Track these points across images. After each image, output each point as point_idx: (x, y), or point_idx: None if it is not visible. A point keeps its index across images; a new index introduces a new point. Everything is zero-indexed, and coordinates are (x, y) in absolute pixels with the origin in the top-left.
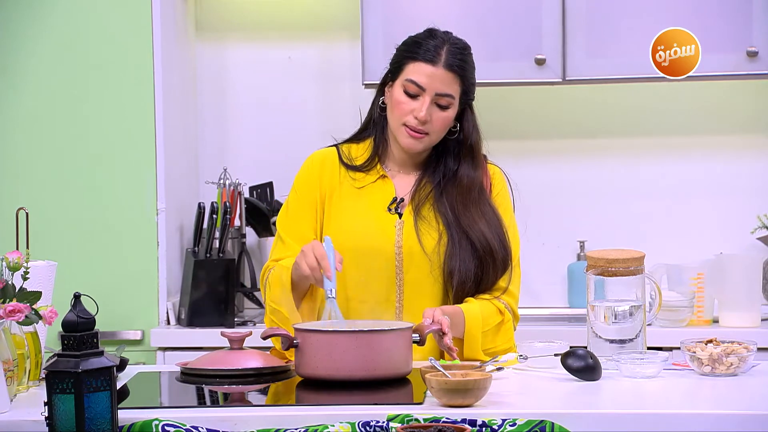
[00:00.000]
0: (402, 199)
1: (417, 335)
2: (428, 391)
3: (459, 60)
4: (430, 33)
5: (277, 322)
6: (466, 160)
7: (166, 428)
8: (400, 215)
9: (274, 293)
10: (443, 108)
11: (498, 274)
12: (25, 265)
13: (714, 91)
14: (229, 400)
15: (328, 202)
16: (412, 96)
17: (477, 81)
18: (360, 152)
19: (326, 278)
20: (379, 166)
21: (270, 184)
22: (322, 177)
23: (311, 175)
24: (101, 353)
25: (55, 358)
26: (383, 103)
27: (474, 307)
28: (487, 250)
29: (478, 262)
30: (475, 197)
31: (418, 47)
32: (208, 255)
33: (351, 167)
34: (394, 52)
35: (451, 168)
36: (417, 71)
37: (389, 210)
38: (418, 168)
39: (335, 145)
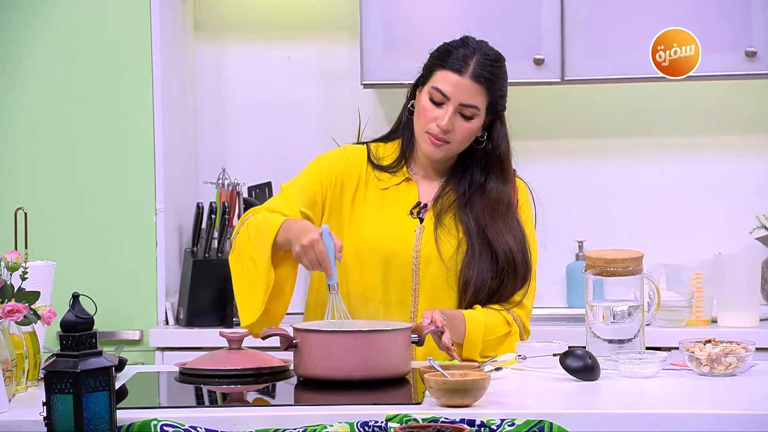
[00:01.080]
0: (425, 205)
1: (416, 335)
2: (427, 391)
3: (488, 72)
4: (463, 41)
5: (249, 271)
6: (494, 173)
7: (165, 428)
8: (421, 220)
9: (255, 244)
10: (467, 118)
11: (516, 288)
12: (23, 265)
13: (713, 91)
14: (228, 400)
15: (348, 197)
16: (437, 104)
17: None
18: (388, 152)
19: (327, 278)
20: (405, 169)
21: (269, 184)
22: (347, 169)
23: (337, 162)
24: (100, 353)
25: (54, 358)
26: (412, 106)
27: (478, 314)
28: (511, 263)
29: (496, 274)
30: (503, 210)
31: (448, 55)
32: (206, 255)
33: (378, 167)
34: (428, 57)
35: (478, 179)
36: (443, 79)
37: (411, 214)
38: (444, 175)
39: (366, 143)
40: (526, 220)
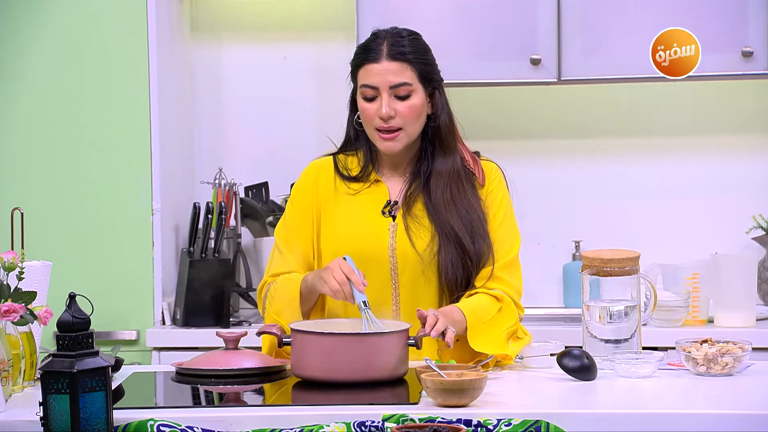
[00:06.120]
0: (396, 202)
1: (413, 339)
2: (424, 391)
3: (401, 47)
4: (374, 35)
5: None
6: (439, 146)
7: (161, 428)
8: (394, 218)
9: (278, 306)
10: (404, 98)
11: (473, 261)
12: (20, 265)
13: (709, 91)
14: (225, 401)
15: (324, 209)
16: (372, 99)
17: (472, 81)
18: (354, 164)
19: (356, 292)
20: (373, 173)
21: (265, 184)
22: (318, 186)
23: (307, 185)
24: (96, 353)
25: (51, 358)
26: (359, 117)
27: (469, 301)
28: (456, 240)
29: (461, 252)
30: (453, 184)
31: (363, 52)
32: (203, 255)
33: (346, 177)
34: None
35: (430, 157)
36: (366, 74)
37: (383, 213)
38: (408, 167)
39: (333, 154)
40: (500, 203)
